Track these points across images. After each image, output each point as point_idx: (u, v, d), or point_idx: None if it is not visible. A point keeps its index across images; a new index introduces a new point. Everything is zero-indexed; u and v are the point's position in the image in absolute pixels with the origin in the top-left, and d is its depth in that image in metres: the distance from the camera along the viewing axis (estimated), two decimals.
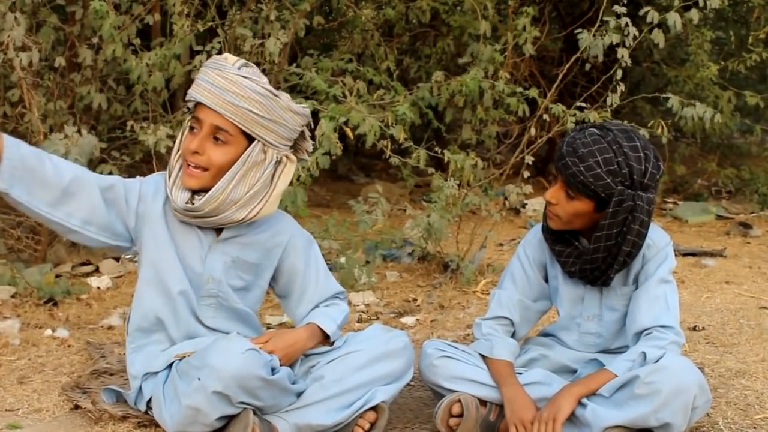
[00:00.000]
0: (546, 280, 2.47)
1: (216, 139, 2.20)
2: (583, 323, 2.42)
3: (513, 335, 2.46)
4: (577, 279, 2.37)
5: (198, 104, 2.23)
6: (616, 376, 2.19)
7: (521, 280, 2.46)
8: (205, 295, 2.32)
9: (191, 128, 2.24)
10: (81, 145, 3.47)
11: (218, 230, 2.32)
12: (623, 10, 3.84)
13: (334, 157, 3.82)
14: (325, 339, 2.36)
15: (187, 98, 2.28)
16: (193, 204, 2.23)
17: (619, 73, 3.94)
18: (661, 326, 2.25)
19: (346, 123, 3.86)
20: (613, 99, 3.97)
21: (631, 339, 2.31)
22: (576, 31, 4.03)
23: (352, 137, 3.91)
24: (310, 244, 2.45)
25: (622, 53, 3.90)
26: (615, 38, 3.88)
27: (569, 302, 2.43)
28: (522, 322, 2.46)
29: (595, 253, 2.25)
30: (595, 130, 2.25)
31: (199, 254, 2.31)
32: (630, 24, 3.87)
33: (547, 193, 2.29)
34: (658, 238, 2.33)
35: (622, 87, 4.00)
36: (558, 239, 2.36)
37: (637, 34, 3.92)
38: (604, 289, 2.37)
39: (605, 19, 3.91)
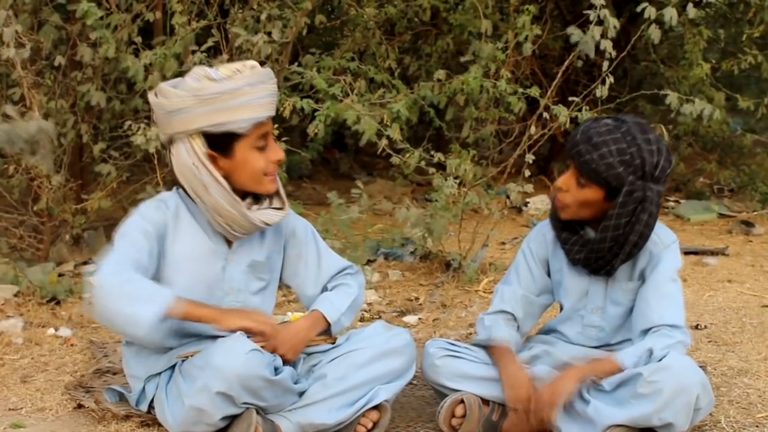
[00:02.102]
0: (549, 275, 2.48)
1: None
2: (586, 315, 2.42)
3: (516, 330, 2.46)
4: (581, 270, 2.38)
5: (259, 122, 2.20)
6: (622, 367, 2.19)
7: (525, 274, 2.47)
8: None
9: (261, 147, 2.21)
10: (25, 129, 3.26)
11: (228, 241, 2.33)
12: (602, 2, 3.83)
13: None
14: (328, 326, 2.36)
15: (250, 123, 2.17)
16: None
17: (605, 65, 3.92)
18: (670, 325, 2.25)
19: (344, 122, 3.86)
20: (602, 91, 3.96)
21: (637, 335, 2.31)
22: (567, 28, 4.03)
23: (317, 133, 3.90)
24: (307, 227, 2.48)
25: (605, 45, 3.89)
26: (596, 32, 3.87)
27: (573, 294, 2.43)
28: (525, 317, 2.47)
29: (601, 242, 2.26)
30: (609, 120, 2.27)
31: (220, 266, 2.31)
32: (608, 15, 3.85)
33: (559, 179, 2.31)
34: (664, 235, 2.35)
35: (610, 79, 3.98)
36: (564, 226, 2.37)
37: (617, 24, 3.91)
38: (609, 282, 2.38)
39: (585, 12, 3.90)
